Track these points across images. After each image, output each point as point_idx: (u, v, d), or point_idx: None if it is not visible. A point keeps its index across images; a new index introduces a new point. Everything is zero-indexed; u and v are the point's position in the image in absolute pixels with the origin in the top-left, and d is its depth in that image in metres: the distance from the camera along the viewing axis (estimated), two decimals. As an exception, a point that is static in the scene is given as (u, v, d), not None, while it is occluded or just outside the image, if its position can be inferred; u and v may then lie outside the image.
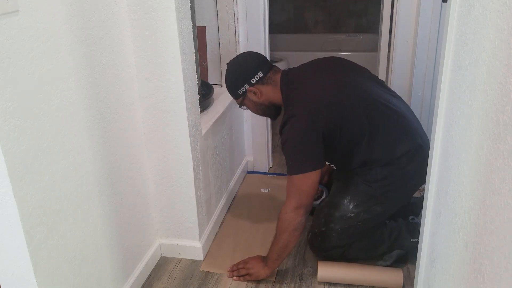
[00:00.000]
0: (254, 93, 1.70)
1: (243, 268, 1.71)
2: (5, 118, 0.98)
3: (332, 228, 1.68)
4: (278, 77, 1.71)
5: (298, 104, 1.60)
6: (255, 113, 1.83)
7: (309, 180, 1.54)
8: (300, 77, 1.69)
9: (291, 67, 1.78)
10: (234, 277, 1.71)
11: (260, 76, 1.67)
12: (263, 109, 1.77)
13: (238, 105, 1.81)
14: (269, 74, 1.69)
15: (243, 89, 1.70)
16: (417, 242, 1.58)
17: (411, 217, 1.80)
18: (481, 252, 0.83)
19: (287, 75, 1.71)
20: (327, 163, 1.80)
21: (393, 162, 1.63)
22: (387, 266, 1.73)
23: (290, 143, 1.57)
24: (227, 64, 1.78)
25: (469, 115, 0.90)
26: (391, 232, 1.74)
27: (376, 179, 1.64)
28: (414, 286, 1.36)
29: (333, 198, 1.72)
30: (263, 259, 1.69)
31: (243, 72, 1.70)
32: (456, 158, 0.98)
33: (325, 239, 1.70)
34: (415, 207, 1.87)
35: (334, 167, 1.84)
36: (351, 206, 1.66)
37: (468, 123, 0.90)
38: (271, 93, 1.70)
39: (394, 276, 1.65)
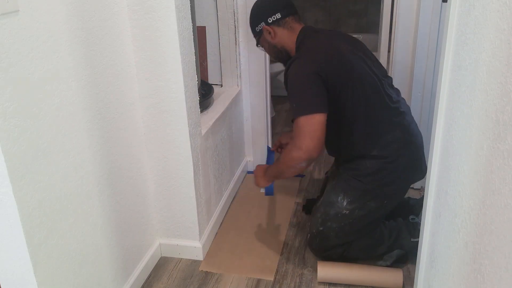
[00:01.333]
0: (269, 32, 1.73)
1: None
2: (5, 118, 0.98)
3: (329, 227, 1.69)
4: (297, 26, 1.73)
5: (305, 52, 1.64)
6: (269, 54, 1.89)
7: (313, 121, 1.51)
8: (318, 33, 1.72)
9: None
10: None
11: (278, 17, 1.71)
12: (275, 52, 1.80)
13: (256, 44, 1.85)
14: (287, 18, 1.72)
15: (260, 26, 1.74)
16: (417, 242, 1.59)
17: (411, 217, 1.80)
18: (481, 252, 0.83)
19: (308, 29, 1.73)
20: None
21: (379, 151, 1.62)
22: (387, 266, 1.73)
23: (293, 86, 1.58)
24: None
25: (469, 115, 0.90)
26: (391, 232, 1.74)
27: (367, 173, 1.64)
28: (414, 286, 1.36)
29: (327, 197, 1.73)
30: (265, 169, 1.76)
31: (263, 10, 1.74)
32: (456, 158, 0.98)
33: (324, 239, 1.71)
34: (415, 208, 1.87)
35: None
36: (345, 203, 1.67)
37: (468, 123, 0.90)
38: (285, 37, 1.73)
39: (394, 276, 1.65)
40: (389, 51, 2.25)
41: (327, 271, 1.68)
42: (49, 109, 1.13)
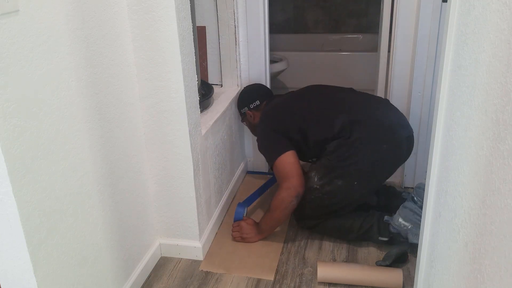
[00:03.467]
0: (250, 116, 2.18)
1: (237, 231, 1.96)
2: (5, 118, 0.98)
3: (303, 198, 1.87)
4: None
5: (264, 116, 2.03)
6: (250, 130, 2.32)
7: (285, 162, 1.84)
8: (276, 98, 2.12)
9: (291, 67, 1.95)
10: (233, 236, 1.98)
11: (257, 104, 2.16)
12: (256, 130, 2.13)
13: (241, 120, 2.31)
14: (264, 102, 2.14)
15: (243, 110, 2.21)
16: (384, 240, 1.86)
17: (385, 218, 1.88)
18: (481, 252, 0.83)
19: (271, 100, 2.12)
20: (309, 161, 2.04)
21: (338, 133, 1.83)
22: (387, 266, 1.73)
23: (259, 143, 1.99)
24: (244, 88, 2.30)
25: (469, 115, 0.90)
26: (362, 224, 1.89)
27: (330, 151, 1.84)
28: (414, 286, 1.36)
29: (307, 172, 1.93)
30: (257, 227, 1.95)
31: (246, 98, 2.21)
32: (456, 158, 0.98)
33: (300, 208, 1.90)
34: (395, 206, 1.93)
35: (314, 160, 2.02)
36: (316, 179, 1.86)
37: (468, 123, 0.90)
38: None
39: (394, 276, 1.65)
40: (389, 51, 2.25)
41: (327, 271, 1.68)
42: (49, 109, 1.13)
